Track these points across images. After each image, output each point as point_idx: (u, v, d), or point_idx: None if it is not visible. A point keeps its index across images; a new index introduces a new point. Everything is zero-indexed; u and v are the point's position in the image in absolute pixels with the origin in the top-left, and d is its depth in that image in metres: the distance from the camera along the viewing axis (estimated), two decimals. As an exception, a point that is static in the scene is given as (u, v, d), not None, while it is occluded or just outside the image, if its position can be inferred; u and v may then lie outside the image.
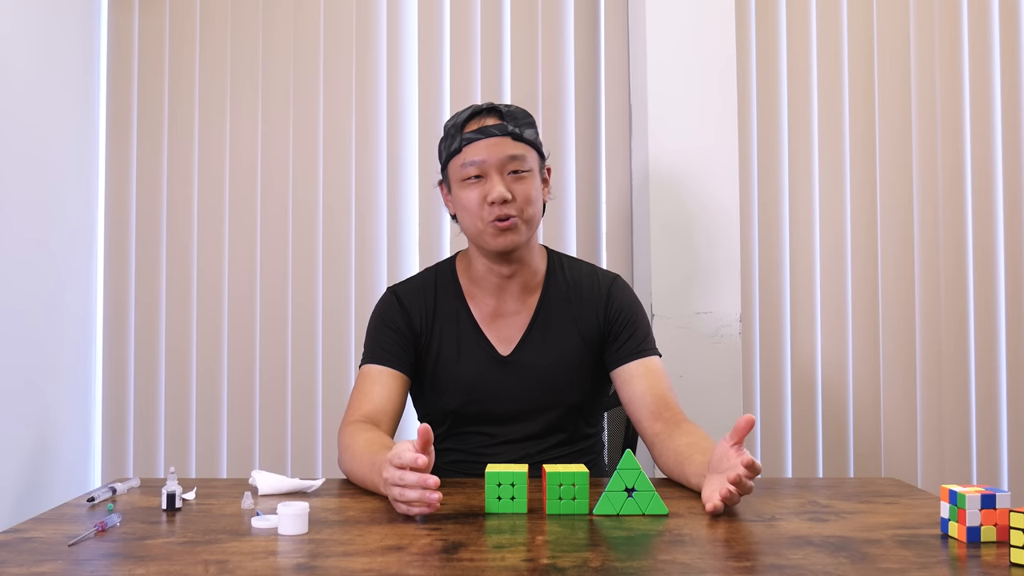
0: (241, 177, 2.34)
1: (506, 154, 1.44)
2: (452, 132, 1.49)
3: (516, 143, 1.45)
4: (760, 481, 1.40)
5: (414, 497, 1.09)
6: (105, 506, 1.21)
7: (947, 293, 2.41)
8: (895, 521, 1.13)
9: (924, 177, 2.41)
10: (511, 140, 1.45)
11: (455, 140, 1.47)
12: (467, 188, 1.46)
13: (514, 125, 1.46)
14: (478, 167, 1.44)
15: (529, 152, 1.47)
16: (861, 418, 2.39)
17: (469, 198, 1.46)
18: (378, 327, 1.54)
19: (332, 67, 2.35)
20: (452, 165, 1.49)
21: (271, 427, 2.32)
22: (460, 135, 1.47)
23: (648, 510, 1.15)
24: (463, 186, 1.46)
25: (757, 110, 2.38)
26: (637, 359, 1.51)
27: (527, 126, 1.47)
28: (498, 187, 1.43)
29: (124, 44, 2.33)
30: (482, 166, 1.44)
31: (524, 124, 1.47)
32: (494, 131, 1.44)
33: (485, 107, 1.48)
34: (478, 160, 1.44)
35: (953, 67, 2.42)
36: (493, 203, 1.43)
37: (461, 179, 1.47)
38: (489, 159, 1.44)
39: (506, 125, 1.45)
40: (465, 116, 1.48)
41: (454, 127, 1.48)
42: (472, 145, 1.45)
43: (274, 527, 1.07)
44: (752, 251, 2.37)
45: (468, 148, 1.45)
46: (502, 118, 1.46)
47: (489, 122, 1.46)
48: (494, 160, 1.44)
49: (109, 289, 2.32)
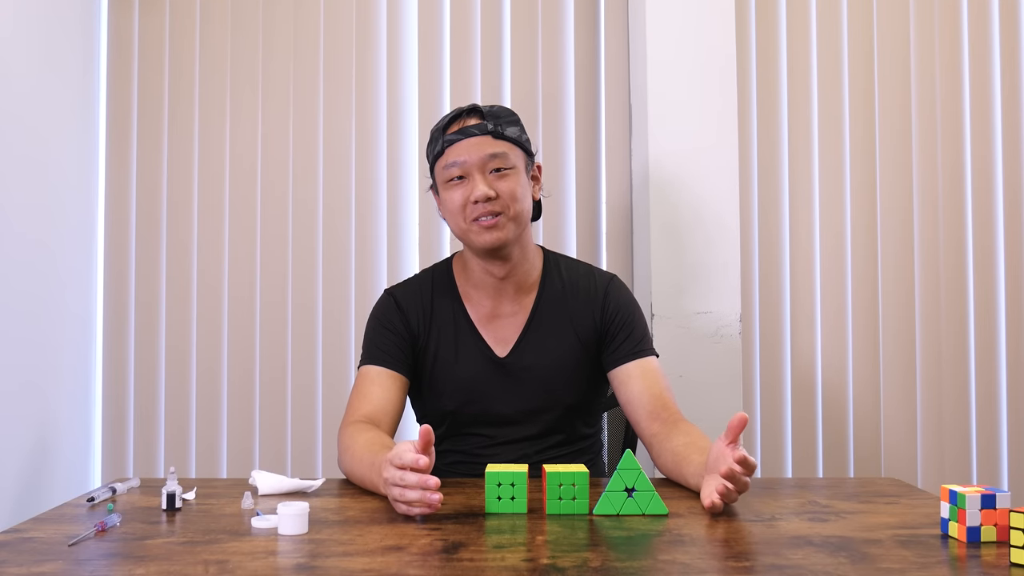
0: (241, 177, 2.34)
1: (486, 152, 1.44)
2: (436, 136, 1.50)
3: (497, 141, 1.45)
4: (760, 481, 1.40)
5: (415, 498, 1.10)
6: (105, 506, 1.21)
7: (947, 293, 2.41)
8: (895, 521, 1.13)
9: (924, 177, 2.41)
10: (491, 139, 1.45)
11: (438, 143, 1.48)
12: (451, 189, 1.47)
13: (495, 123, 1.46)
14: (460, 167, 1.45)
15: (512, 149, 1.47)
16: (861, 418, 2.39)
17: (453, 199, 1.46)
18: (376, 329, 1.55)
19: (332, 67, 2.35)
20: (437, 168, 1.50)
21: (271, 427, 2.32)
22: (442, 137, 1.47)
23: (648, 510, 1.15)
24: (447, 188, 1.47)
25: (757, 110, 2.38)
26: (634, 360, 1.51)
27: (509, 123, 1.47)
28: (480, 186, 1.43)
29: (124, 44, 2.33)
30: (464, 166, 1.44)
31: (506, 122, 1.47)
32: (474, 131, 1.45)
33: (467, 109, 1.49)
34: (460, 160, 1.45)
35: (953, 67, 2.42)
36: (476, 202, 1.43)
37: (445, 181, 1.47)
38: (470, 159, 1.44)
39: (486, 124, 1.45)
40: (447, 119, 1.49)
41: (438, 130, 1.49)
42: (453, 146, 1.46)
43: (274, 527, 1.07)
44: (752, 251, 2.37)
45: (450, 149, 1.46)
46: (483, 117, 1.47)
47: (470, 122, 1.47)
48: (475, 159, 1.44)
49: (109, 289, 2.32)
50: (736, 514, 1.16)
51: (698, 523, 1.11)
